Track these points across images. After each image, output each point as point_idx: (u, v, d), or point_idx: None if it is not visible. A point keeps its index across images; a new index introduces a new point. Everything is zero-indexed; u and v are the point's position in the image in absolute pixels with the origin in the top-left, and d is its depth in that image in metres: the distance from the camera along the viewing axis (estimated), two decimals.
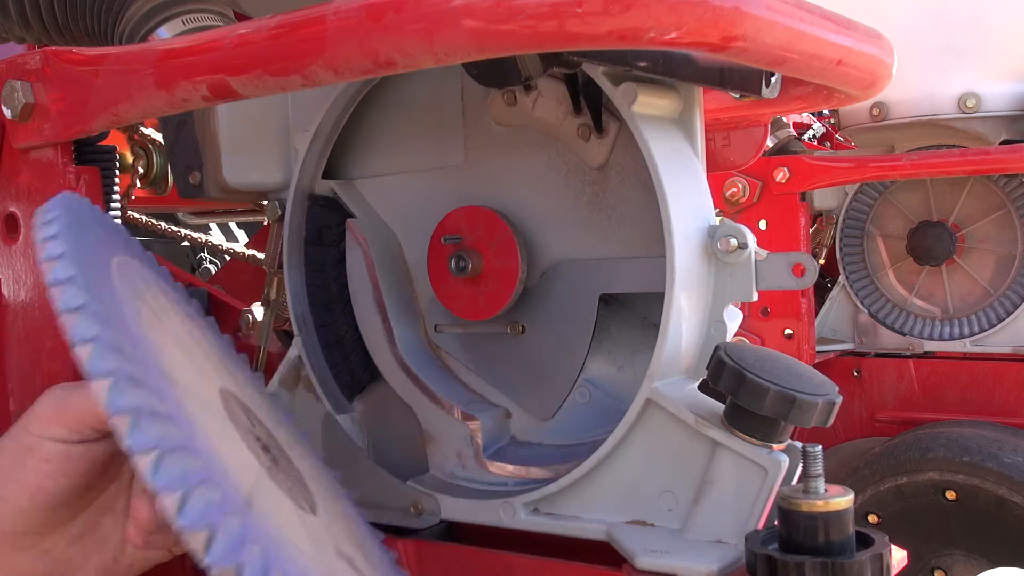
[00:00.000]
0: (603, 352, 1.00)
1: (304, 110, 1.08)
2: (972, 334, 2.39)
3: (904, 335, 2.46)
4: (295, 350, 1.09)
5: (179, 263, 2.76)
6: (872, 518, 2.09)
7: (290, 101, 1.11)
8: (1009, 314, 2.35)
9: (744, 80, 0.90)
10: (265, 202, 1.13)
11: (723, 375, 0.81)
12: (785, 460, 0.82)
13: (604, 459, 0.89)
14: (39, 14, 1.08)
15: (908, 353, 2.46)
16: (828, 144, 3.45)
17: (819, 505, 0.74)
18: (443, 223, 1.02)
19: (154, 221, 2.31)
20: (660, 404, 0.86)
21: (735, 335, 0.92)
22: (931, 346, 2.44)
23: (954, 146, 2.34)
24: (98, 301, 0.62)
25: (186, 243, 2.77)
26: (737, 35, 0.62)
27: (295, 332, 1.09)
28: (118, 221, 0.97)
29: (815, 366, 1.07)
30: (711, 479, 0.84)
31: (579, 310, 0.97)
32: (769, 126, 1.96)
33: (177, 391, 0.64)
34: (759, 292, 0.89)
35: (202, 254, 3.25)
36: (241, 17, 1.11)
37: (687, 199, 0.88)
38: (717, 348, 0.83)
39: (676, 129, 0.93)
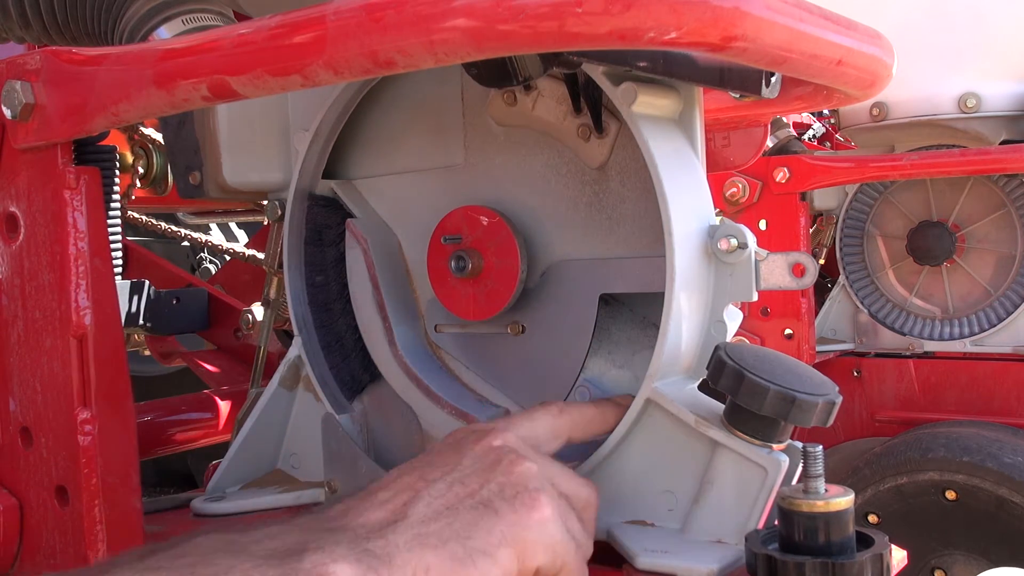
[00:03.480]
0: (603, 352, 0.99)
1: (304, 110, 1.08)
2: (972, 334, 2.39)
3: (904, 335, 2.46)
4: (295, 350, 1.09)
5: (179, 263, 2.76)
6: (872, 518, 2.09)
7: (290, 101, 1.11)
8: (1009, 314, 2.35)
9: (744, 80, 0.90)
10: (265, 202, 1.13)
11: (723, 375, 0.81)
12: (785, 460, 0.82)
13: (604, 459, 0.89)
14: (39, 14, 1.08)
15: (908, 353, 2.45)
16: (828, 144, 3.45)
17: (819, 505, 0.74)
18: (443, 223, 1.02)
19: (154, 221, 2.32)
20: (660, 404, 0.86)
21: (735, 335, 0.92)
22: (931, 346, 2.44)
23: (954, 146, 2.34)
24: None
25: (186, 243, 2.78)
26: (737, 35, 0.62)
27: (295, 332, 1.09)
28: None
29: (815, 366, 1.07)
30: (711, 479, 0.84)
31: (579, 310, 0.97)
32: (769, 126, 1.96)
33: None
34: (759, 292, 0.89)
35: (202, 254, 3.25)
36: (241, 17, 1.11)
37: (687, 199, 0.88)
38: (717, 348, 0.83)
39: (676, 129, 0.93)
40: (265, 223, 2.04)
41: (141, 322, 1.84)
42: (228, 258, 2.48)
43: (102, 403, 0.93)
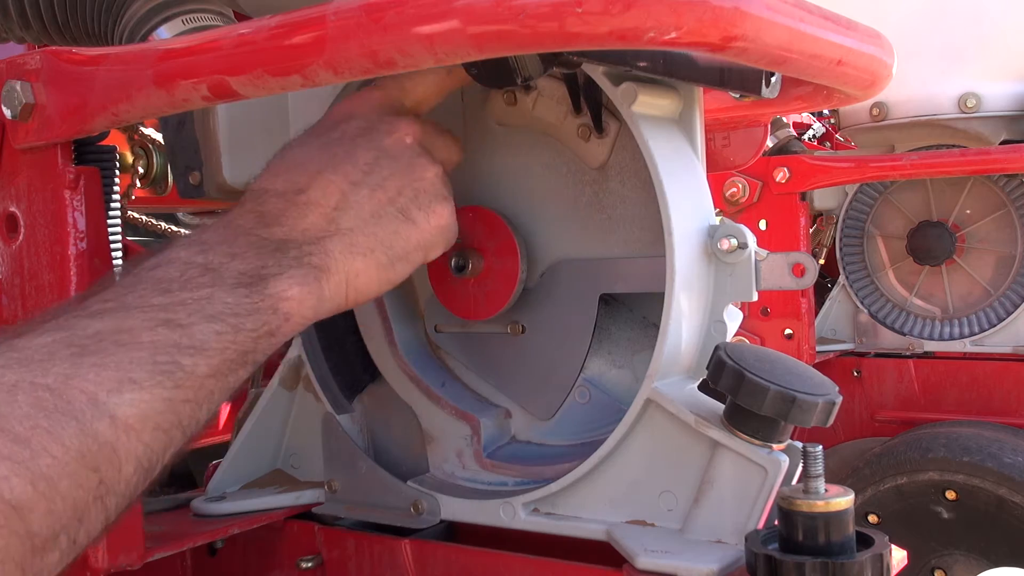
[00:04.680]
0: (603, 352, 0.99)
1: (304, 110, 1.08)
2: (972, 334, 2.39)
3: (904, 335, 2.46)
4: (295, 350, 1.09)
5: None
6: (872, 518, 2.09)
7: (290, 101, 1.11)
8: (1009, 314, 2.35)
9: (744, 80, 0.90)
10: None
11: (723, 375, 0.81)
12: (785, 460, 0.82)
13: (604, 459, 0.89)
14: (39, 14, 1.08)
15: (908, 353, 2.45)
16: (828, 144, 3.45)
17: (819, 505, 0.74)
18: None
19: (154, 221, 2.31)
20: (660, 404, 0.86)
21: (735, 335, 0.92)
22: (931, 346, 2.44)
23: (954, 146, 2.34)
24: None
25: None
26: (737, 35, 0.62)
27: None
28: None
29: (815, 366, 1.07)
30: (711, 479, 0.84)
31: (579, 310, 0.97)
32: (769, 126, 1.96)
33: None
34: (759, 292, 0.89)
35: None
36: (241, 17, 1.11)
37: (687, 199, 0.88)
38: (717, 348, 0.83)
39: (676, 129, 0.93)
40: None
41: None
42: None
43: None
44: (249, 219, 0.78)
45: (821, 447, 0.76)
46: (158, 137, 1.88)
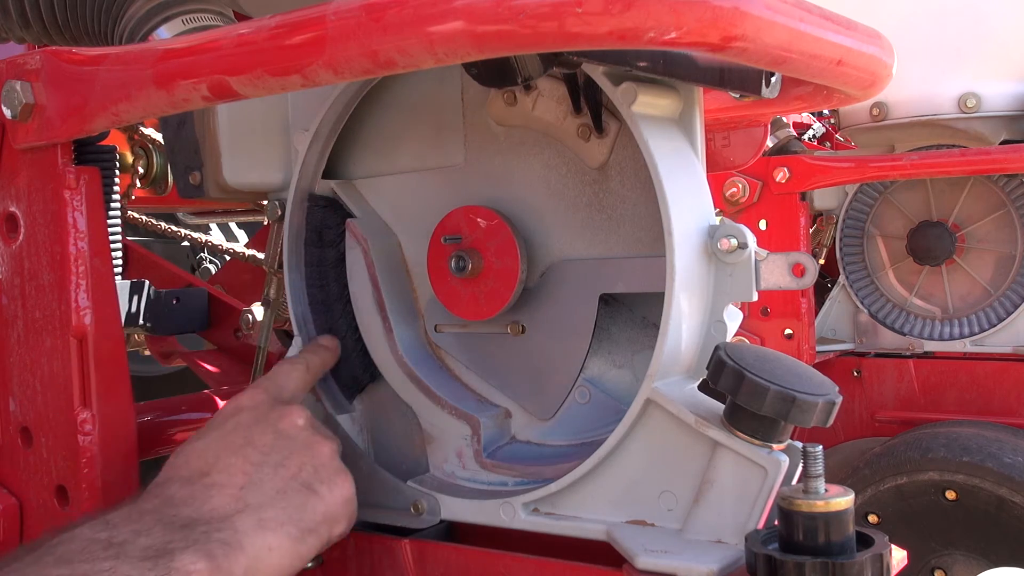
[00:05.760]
0: (603, 352, 1.00)
1: (304, 110, 1.08)
2: (972, 334, 2.39)
3: (904, 335, 2.46)
4: (295, 350, 1.09)
5: (179, 263, 2.75)
6: (872, 518, 2.09)
7: (290, 101, 1.11)
8: (1009, 314, 2.35)
9: (744, 80, 0.90)
10: (265, 202, 1.13)
11: (723, 375, 0.81)
12: (785, 460, 0.82)
13: (604, 459, 0.89)
14: (39, 14, 1.08)
15: (908, 353, 2.46)
16: (828, 144, 3.45)
17: (819, 505, 0.74)
18: (443, 223, 1.02)
19: (154, 221, 2.31)
20: (660, 404, 0.86)
21: (735, 335, 0.92)
22: (931, 346, 2.44)
23: (954, 146, 2.34)
24: None
25: (186, 243, 2.77)
26: (737, 35, 0.62)
27: (295, 332, 1.09)
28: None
29: (815, 366, 1.07)
30: (711, 479, 0.84)
31: (579, 310, 0.97)
32: (769, 126, 1.96)
33: None
34: (759, 292, 0.89)
35: (202, 254, 3.24)
36: (241, 17, 1.11)
37: (687, 199, 0.88)
38: (717, 348, 0.83)
39: (676, 129, 0.93)
40: (265, 223, 2.03)
41: (141, 322, 1.83)
42: (228, 258, 2.48)
43: (102, 403, 0.93)
44: (155, 502, 0.81)
45: (821, 447, 0.76)
46: (158, 137, 1.88)
